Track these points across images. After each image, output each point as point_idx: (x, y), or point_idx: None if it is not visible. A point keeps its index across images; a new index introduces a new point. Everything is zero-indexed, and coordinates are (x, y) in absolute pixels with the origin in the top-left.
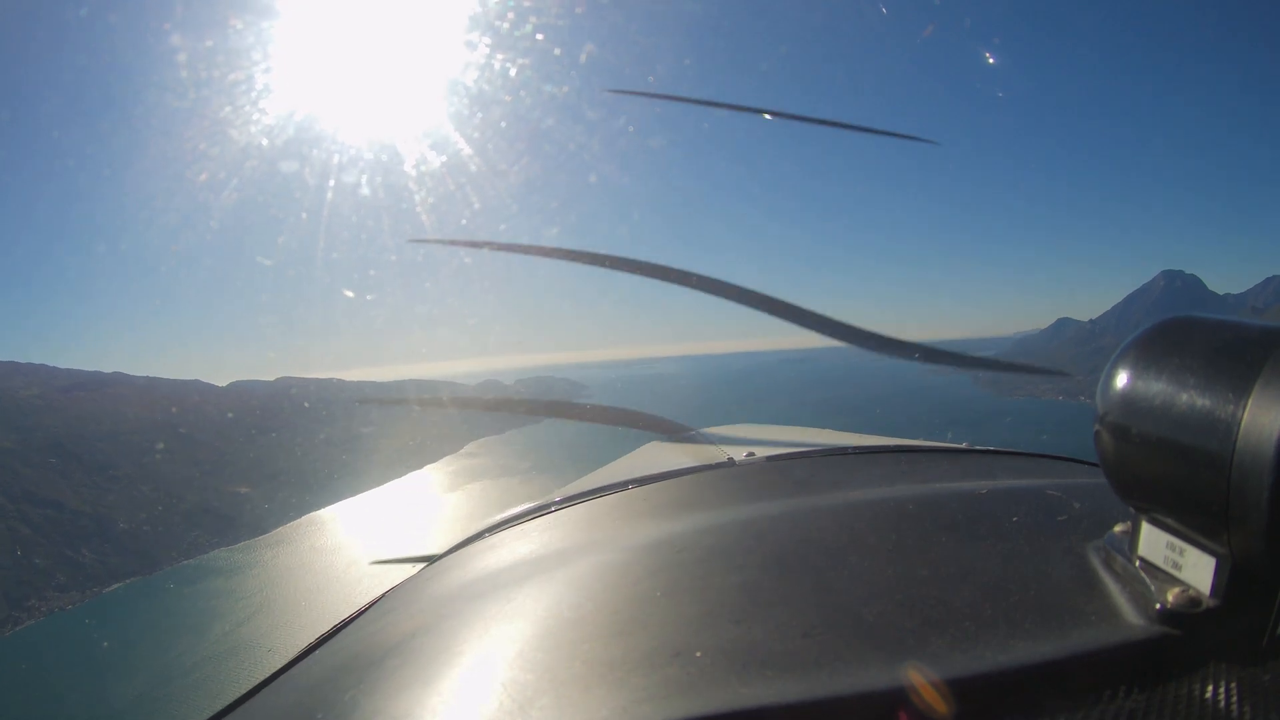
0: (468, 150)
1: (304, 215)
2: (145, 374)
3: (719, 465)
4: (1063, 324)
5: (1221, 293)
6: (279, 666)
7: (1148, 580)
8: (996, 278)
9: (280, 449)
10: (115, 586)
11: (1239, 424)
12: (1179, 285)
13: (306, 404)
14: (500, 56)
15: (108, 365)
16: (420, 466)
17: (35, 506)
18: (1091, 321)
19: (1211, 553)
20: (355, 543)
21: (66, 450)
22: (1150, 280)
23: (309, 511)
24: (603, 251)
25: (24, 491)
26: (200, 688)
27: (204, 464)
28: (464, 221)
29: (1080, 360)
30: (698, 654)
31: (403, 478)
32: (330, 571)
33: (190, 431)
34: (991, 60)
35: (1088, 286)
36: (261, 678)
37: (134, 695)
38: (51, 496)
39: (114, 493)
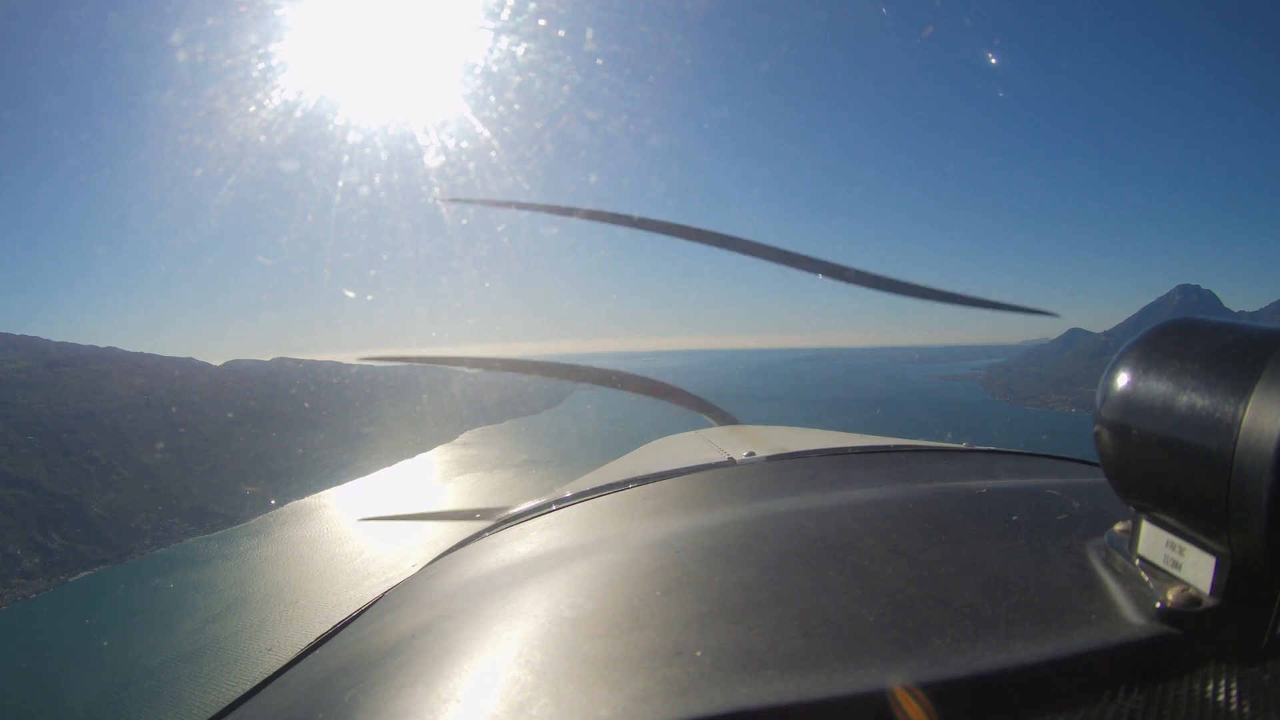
0: (479, 133)
1: (308, 198)
2: (141, 350)
3: (719, 465)
4: (1074, 334)
5: (1236, 310)
6: (279, 666)
7: (1148, 579)
8: (1007, 285)
9: (269, 433)
10: (83, 575)
11: (1239, 424)
12: (1194, 301)
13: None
14: (504, 41)
15: (105, 340)
16: (413, 455)
17: (7, 487)
18: (1105, 334)
19: (1211, 552)
20: (338, 533)
21: (45, 428)
22: (1166, 294)
23: (292, 500)
24: (605, 249)
25: None
26: (161, 692)
27: (188, 448)
28: (470, 215)
29: (1092, 373)
30: (698, 654)
31: (392, 466)
32: (310, 564)
33: (178, 412)
34: (997, 56)
35: (1101, 298)
36: (253, 678)
37: (90, 699)
38: (25, 476)
39: (91, 475)
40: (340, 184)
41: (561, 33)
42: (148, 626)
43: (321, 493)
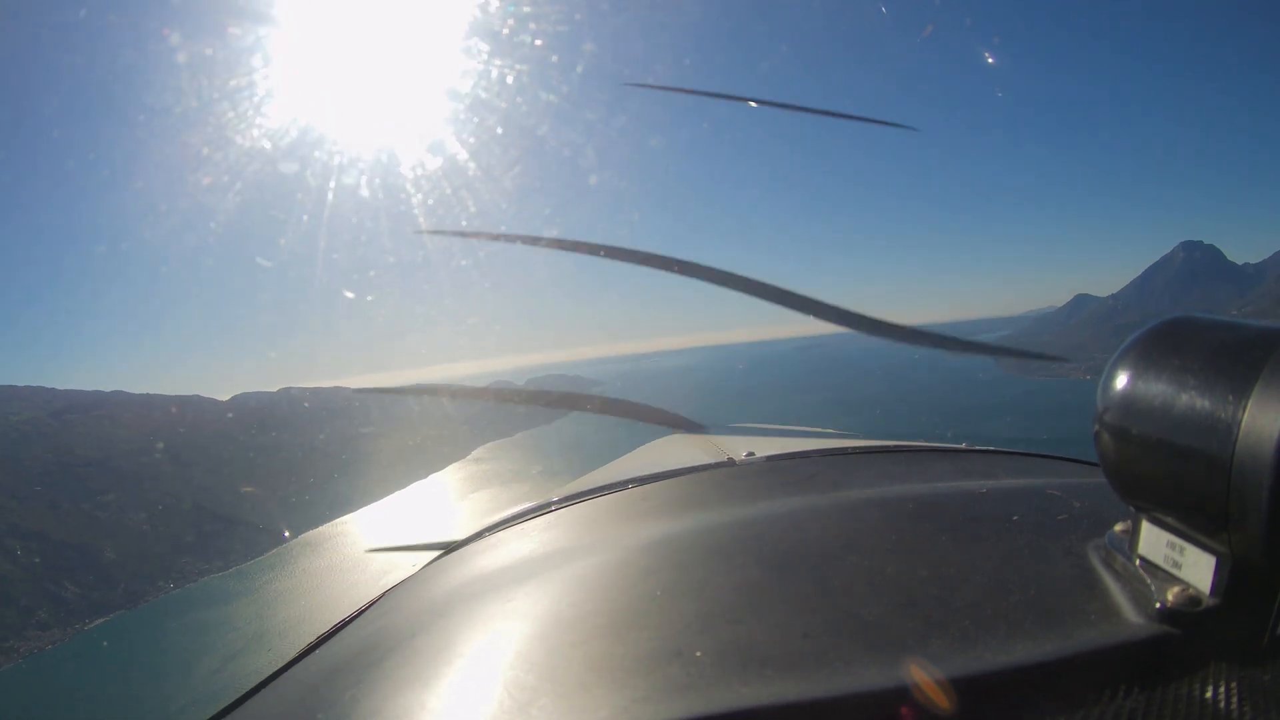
0: (466, 153)
1: (305, 220)
2: (147, 391)
3: (719, 465)
4: (1081, 300)
5: (1240, 262)
6: (279, 666)
7: (1148, 579)
8: (1010, 255)
9: (280, 464)
10: (98, 622)
11: (1239, 424)
12: (1198, 256)
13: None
14: (499, 61)
15: (111, 384)
16: (426, 475)
17: (19, 539)
18: (1112, 297)
19: (1211, 552)
20: (354, 561)
21: (53, 477)
22: (1169, 252)
23: (306, 530)
24: (608, 261)
25: (8, 525)
26: None
27: (198, 486)
28: (463, 224)
29: (1101, 339)
30: (698, 654)
31: (407, 488)
32: (327, 594)
33: (185, 452)
34: (991, 61)
35: (1105, 261)
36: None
37: None
38: (36, 528)
39: (101, 521)
40: (330, 196)
41: (556, 58)
42: (167, 669)
43: (335, 521)
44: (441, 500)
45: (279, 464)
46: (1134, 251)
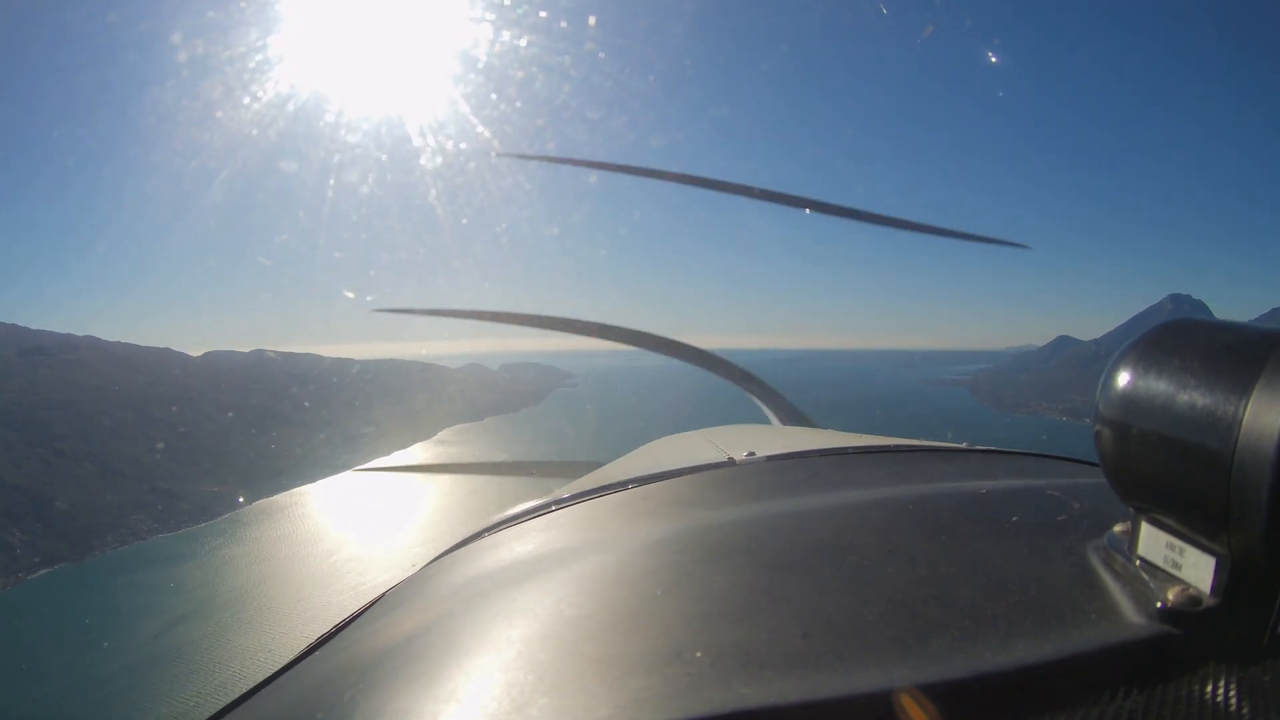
0: (460, 125)
1: (297, 192)
2: (120, 339)
3: (719, 465)
4: (1063, 342)
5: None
6: (279, 667)
7: (1148, 579)
8: (994, 290)
9: (246, 428)
10: (41, 573)
11: (1239, 424)
12: (1186, 310)
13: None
14: (505, 35)
15: (85, 329)
16: (389, 452)
17: None
18: (1094, 342)
19: (1211, 552)
20: (307, 533)
21: (12, 418)
22: (1157, 303)
23: (263, 497)
24: (584, 254)
25: None
26: (117, 699)
27: (158, 441)
28: (469, 214)
29: (1081, 382)
30: (697, 654)
31: (368, 463)
32: (279, 565)
33: (150, 405)
34: (994, 59)
35: (1091, 305)
36: (224, 685)
37: (36, 708)
38: None
39: (56, 468)
40: (332, 180)
41: (563, 24)
42: (104, 629)
43: (292, 490)
44: (402, 479)
45: (244, 427)
46: (1121, 298)
